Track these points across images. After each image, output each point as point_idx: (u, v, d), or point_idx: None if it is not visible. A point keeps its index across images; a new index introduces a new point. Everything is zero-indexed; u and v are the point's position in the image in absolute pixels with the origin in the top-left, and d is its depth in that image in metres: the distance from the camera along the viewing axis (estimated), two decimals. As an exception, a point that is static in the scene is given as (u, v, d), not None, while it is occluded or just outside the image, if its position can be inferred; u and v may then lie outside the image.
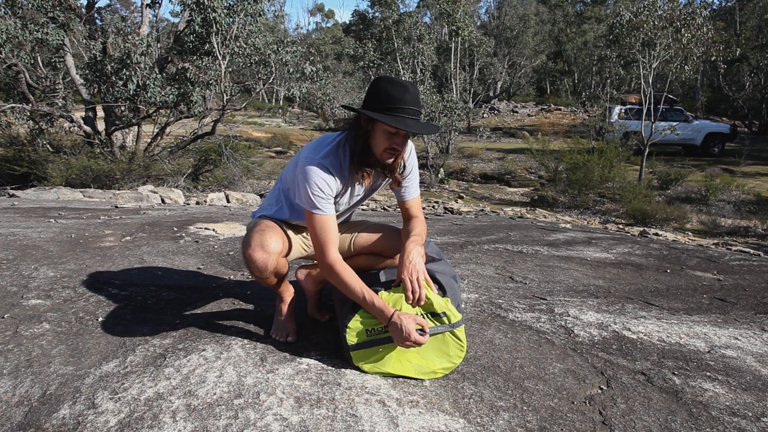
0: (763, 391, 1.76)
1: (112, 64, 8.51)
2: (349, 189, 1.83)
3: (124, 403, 1.49)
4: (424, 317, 1.70)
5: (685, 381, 1.80)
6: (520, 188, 14.08)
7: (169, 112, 9.55)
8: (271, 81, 10.12)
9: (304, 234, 2.00)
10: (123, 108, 9.27)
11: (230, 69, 9.90)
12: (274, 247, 1.75)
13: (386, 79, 1.68)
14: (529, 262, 3.47)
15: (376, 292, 1.71)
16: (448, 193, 13.09)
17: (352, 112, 1.77)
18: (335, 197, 1.77)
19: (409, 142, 1.88)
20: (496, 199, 12.45)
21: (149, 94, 8.46)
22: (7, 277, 2.52)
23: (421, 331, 1.64)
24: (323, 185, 1.69)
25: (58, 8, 9.08)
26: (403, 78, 19.83)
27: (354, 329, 1.70)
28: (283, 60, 9.84)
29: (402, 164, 1.84)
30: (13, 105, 9.27)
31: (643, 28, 12.68)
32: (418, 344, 1.62)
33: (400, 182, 1.86)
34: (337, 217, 1.90)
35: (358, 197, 1.89)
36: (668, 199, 11.89)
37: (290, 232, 1.91)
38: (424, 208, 8.43)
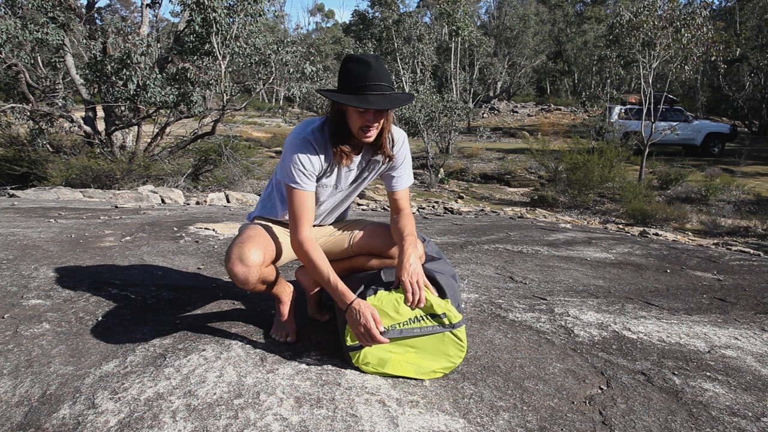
0: (763, 391, 1.76)
1: (112, 64, 8.52)
2: (336, 171, 1.80)
3: (124, 403, 1.49)
4: (423, 319, 1.70)
5: (685, 381, 1.80)
6: (520, 188, 14.08)
7: (169, 112, 9.56)
8: (271, 81, 10.12)
9: None
10: (123, 108, 9.27)
11: (230, 69, 9.90)
12: (254, 260, 1.68)
13: (350, 58, 1.64)
14: (529, 262, 3.47)
15: (376, 291, 1.71)
16: (448, 193, 13.09)
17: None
18: (320, 177, 1.77)
19: (401, 131, 1.87)
20: (496, 199, 12.45)
21: (149, 94, 8.47)
22: (7, 277, 2.52)
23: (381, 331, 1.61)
24: (305, 160, 1.69)
25: (58, 8, 9.08)
26: (402, 77, 19.73)
27: (354, 329, 1.70)
28: (283, 60, 9.85)
29: (390, 139, 1.81)
30: (13, 105, 9.27)
31: (643, 28, 12.69)
32: (374, 340, 1.60)
33: (392, 156, 1.83)
34: (328, 201, 1.90)
35: (349, 183, 1.87)
36: (668, 199, 11.89)
37: (282, 235, 1.87)
38: (423, 208, 8.43)
